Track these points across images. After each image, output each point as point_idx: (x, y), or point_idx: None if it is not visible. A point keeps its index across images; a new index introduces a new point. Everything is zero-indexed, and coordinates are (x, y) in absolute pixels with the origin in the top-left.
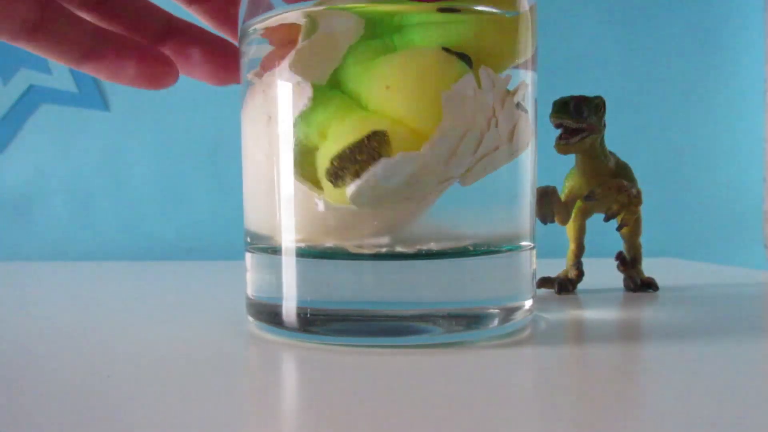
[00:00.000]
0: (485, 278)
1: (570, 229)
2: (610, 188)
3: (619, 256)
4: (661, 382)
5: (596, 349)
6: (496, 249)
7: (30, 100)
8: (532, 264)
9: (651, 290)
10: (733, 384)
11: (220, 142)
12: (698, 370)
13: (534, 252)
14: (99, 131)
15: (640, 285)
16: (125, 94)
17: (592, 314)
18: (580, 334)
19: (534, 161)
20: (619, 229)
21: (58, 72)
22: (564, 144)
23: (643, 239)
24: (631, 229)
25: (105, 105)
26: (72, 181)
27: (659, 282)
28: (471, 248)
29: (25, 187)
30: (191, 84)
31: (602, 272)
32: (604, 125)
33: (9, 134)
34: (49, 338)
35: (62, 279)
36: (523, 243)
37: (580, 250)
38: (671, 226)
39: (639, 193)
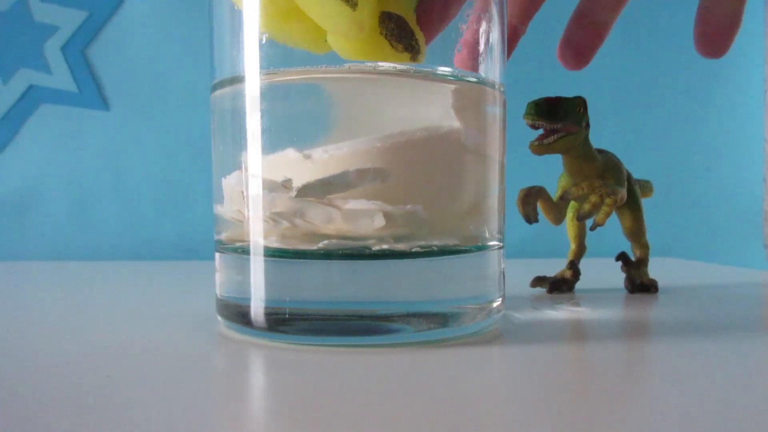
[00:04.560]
0: (454, 278)
1: (570, 229)
2: (584, 188)
3: (622, 257)
4: (660, 382)
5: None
6: (465, 249)
7: (30, 100)
8: (500, 263)
9: (650, 292)
10: (733, 384)
11: None
12: (698, 370)
13: (502, 252)
14: (99, 131)
15: (639, 286)
16: (125, 94)
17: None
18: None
19: (502, 161)
20: (592, 228)
21: (58, 72)
22: (537, 144)
23: None
24: (634, 229)
25: (105, 105)
26: (72, 181)
27: (659, 282)
28: (437, 248)
29: (25, 187)
30: (191, 84)
31: (602, 272)
32: (587, 125)
33: (9, 134)
34: (48, 338)
35: (62, 279)
36: (491, 243)
37: (580, 249)
38: (672, 226)
39: (616, 192)
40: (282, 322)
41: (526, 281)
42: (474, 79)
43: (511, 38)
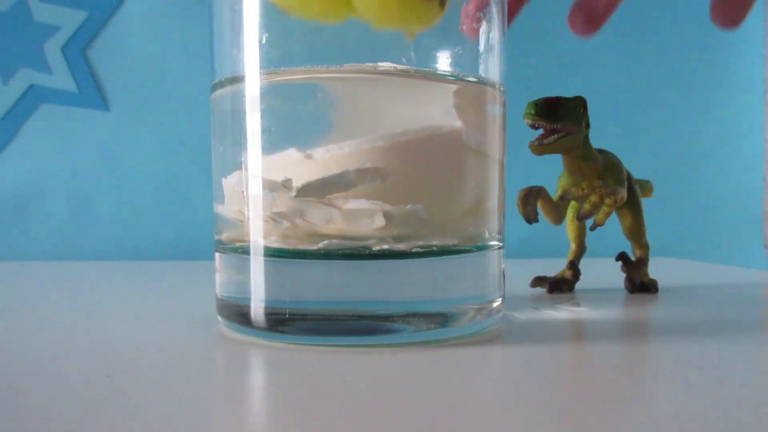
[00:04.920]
0: (454, 278)
1: (570, 229)
2: (584, 188)
3: (622, 257)
4: (661, 382)
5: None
6: (465, 249)
7: (30, 100)
8: (500, 263)
9: (650, 292)
10: (733, 384)
11: None
12: (698, 370)
13: (502, 252)
14: (99, 131)
15: (639, 286)
16: (125, 94)
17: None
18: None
19: (502, 161)
20: (592, 228)
21: (58, 72)
22: (537, 144)
23: None
24: (634, 230)
25: (105, 105)
26: (72, 181)
27: (659, 282)
28: (437, 248)
29: (25, 187)
30: (191, 84)
31: (602, 272)
32: (587, 125)
33: (9, 134)
34: (48, 338)
35: (62, 279)
36: (491, 243)
37: (580, 249)
38: (672, 226)
39: (616, 192)
40: (282, 322)
41: (526, 281)
42: (474, 79)
43: (516, 4)
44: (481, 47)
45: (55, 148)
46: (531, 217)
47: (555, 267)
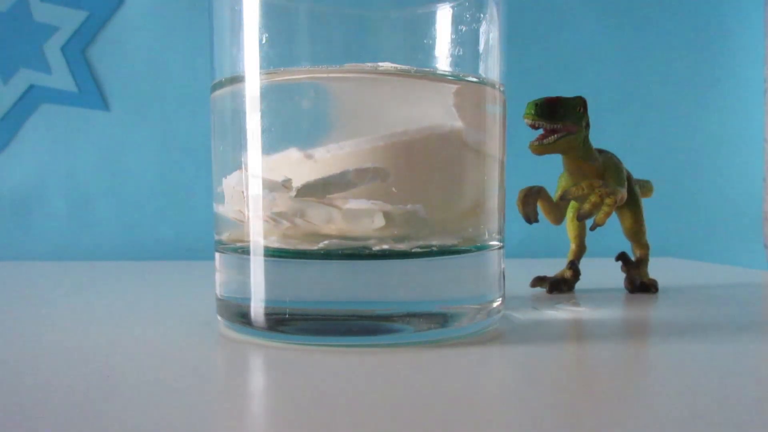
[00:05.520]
0: (454, 278)
1: (570, 229)
2: (584, 188)
3: (622, 257)
4: (661, 382)
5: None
6: (465, 249)
7: (30, 100)
8: (500, 263)
9: (650, 292)
10: (733, 384)
11: None
12: (698, 370)
13: (502, 252)
14: (99, 131)
15: (639, 286)
16: (125, 94)
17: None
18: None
19: (502, 161)
20: (592, 228)
21: (58, 72)
22: (537, 144)
23: None
24: (634, 230)
25: (105, 105)
26: (72, 181)
27: (659, 282)
28: (436, 248)
29: (25, 187)
30: (191, 84)
31: (602, 272)
32: (587, 125)
33: (9, 134)
34: (48, 338)
35: (62, 279)
36: (491, 243)
37: (580, 249)
38: (671, 226)
39: (616, 192)
40: (282, 322)
41: (526, 281)
42: (474, 79)
43: None
44: (481, 47)
45: (55, 148)
46: (531, 217)
47: (555, 267)
